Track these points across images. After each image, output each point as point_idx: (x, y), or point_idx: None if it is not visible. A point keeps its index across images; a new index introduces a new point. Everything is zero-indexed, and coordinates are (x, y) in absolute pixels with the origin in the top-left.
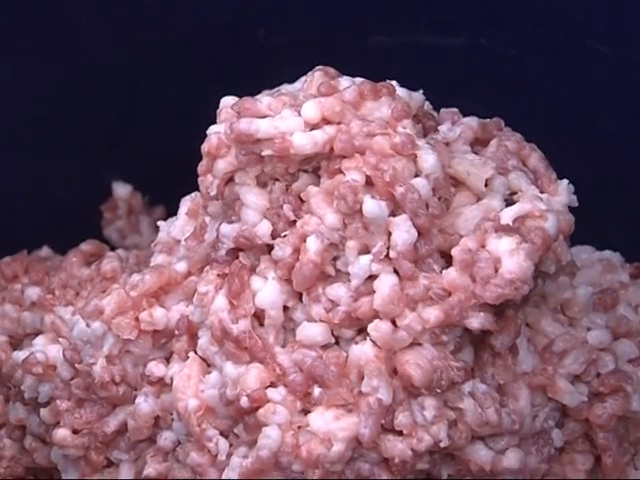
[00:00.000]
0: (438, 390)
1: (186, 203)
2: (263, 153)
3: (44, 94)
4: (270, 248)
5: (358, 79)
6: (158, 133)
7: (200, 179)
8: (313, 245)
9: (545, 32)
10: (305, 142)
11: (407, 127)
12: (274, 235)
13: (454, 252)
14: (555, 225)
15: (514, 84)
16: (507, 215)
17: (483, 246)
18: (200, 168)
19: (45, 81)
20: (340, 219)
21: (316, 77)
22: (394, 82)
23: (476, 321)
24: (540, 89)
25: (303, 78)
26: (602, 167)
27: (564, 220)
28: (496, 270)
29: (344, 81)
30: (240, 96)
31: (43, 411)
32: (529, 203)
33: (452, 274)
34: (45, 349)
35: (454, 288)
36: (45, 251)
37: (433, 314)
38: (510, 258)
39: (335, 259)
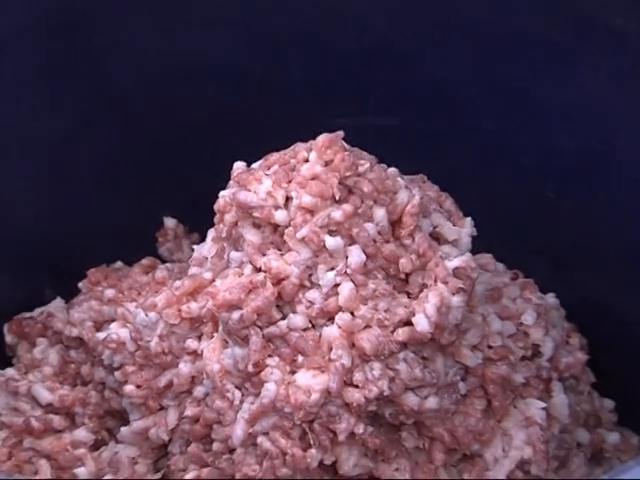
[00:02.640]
0: (382, 357)
1: (212, 233)
2: (253, 214)
3: (116, 152)
4: None
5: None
6: (194, 181)
7: (215, 227)
8: (293, 272)
9: (449, 113)
10: (284, 218)
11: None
12: None
13: (429, 309)
14: (477, 274)
15: (432, 149)
16: (452, 265)
17: (442, 300)
18: (215, 219)
19: (118, 142)
20: (312, 252)
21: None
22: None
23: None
24: (450, 153)
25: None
26: (491, 207)
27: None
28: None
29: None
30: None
31: (116, 373)
32: (465, 263)
33: (425, 325)
34: (118, 332)
35: (422, 335)
36: (118, 264)
37: (402, 335)
38: (457, 310)
39: (310, 275)
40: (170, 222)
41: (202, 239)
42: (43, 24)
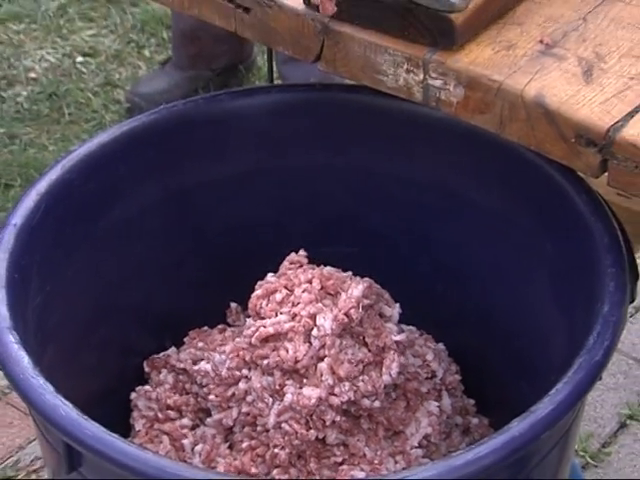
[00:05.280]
0: (349, 379)
1: None
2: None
3: (203, 265)
4: None
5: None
6: (245, 283)
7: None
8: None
9: (385, 248)
10: (290, 323)
11: None
12: None
13: (394, 373)
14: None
15: (376, 266)
16: (395, 338)
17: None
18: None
19: (204, 261)
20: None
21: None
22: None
23: None
24: (386, 269)
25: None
26: (409, 297)
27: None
28: None
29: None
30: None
31: (204, 389)
32: (401, 338)
33: (389, 380)
34: (205, 366)
35: (387, 382)
36: (205, 328)
37: (375, 378)
38: (401, 363)
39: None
40: (233, 305)
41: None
42: (163, 203)
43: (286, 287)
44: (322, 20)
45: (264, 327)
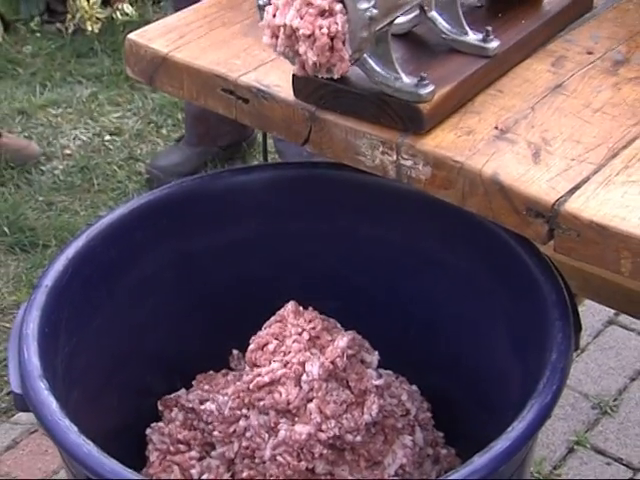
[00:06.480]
0: (335, 417)
1: None
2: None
3: (209, 316)
4: None
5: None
6: (245, 331)
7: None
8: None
9: (363, 307)
10: (282, 371)
11: None
12: None
13: (374, 412)
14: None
15: (356, 319)
16: (375, 383)
17: (379, 405)
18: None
19: (211, 313)
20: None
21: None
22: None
23: None
24: (366, 320)
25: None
26: (385, 346)
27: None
28: None
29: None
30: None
31: (209, 425)
32: (380, 382)
33: (370, 419)
34: (210, 406)
35: (367, 421)
36: (211, 372)
37: (357, 417)
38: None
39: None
40: (235, 351)
41: None
42: (173, 264)
43: (277, 338)
44: (309, 109)
45: (260, 376)
